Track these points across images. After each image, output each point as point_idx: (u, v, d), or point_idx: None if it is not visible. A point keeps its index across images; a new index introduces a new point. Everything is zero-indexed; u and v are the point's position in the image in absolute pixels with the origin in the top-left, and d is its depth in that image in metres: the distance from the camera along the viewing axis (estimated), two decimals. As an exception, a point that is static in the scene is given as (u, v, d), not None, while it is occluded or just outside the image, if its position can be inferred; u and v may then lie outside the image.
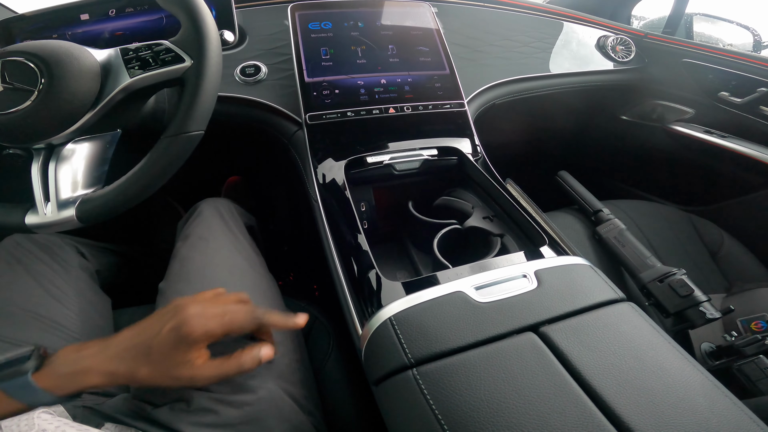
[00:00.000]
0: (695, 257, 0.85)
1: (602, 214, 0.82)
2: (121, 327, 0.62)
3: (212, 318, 0.40)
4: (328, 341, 0.61)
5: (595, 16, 1.09)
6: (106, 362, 0.39)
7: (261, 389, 0.47)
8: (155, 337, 0.39)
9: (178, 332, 0.38)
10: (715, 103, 0.96)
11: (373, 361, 0.41)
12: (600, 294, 0.43)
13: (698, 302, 0.63)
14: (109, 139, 0.55)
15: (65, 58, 0.48)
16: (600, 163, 1.31)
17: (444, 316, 0.40)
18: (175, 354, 0.38)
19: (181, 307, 0.40)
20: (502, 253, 0.54)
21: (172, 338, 0.38)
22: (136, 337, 0.40)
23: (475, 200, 0.64)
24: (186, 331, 0.38)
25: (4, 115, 0.46)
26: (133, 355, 0.39)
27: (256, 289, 0.58)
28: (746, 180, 0.93)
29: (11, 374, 0.37)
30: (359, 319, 0.46)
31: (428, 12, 0.80)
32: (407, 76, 0.72)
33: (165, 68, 0.51)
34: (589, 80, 0.98)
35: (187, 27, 0.52)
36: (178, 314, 0.39)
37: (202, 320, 0.39)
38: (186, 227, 0.65)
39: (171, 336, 0.38)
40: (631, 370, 0.36)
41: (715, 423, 0.33)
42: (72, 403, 0.47)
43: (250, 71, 0.74)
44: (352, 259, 0.52)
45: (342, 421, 0.55)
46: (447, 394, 0.34)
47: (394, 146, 0.67)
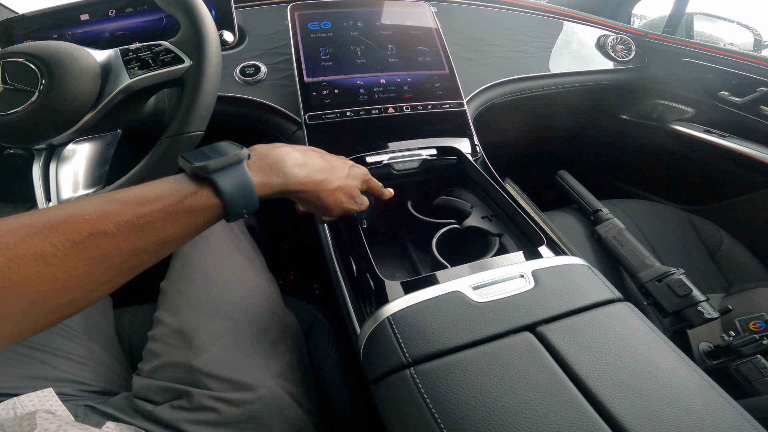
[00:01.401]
0: (694, 257, 0.85)
1: (601, 214, 0.82)
2: (123, 326, 0.63)
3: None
4: (328, 340, 0.61)
5: (595, 16, 1.09)
6: (310, 170, 0.43)
7: (261, 388, 0.47)
8: (346, 162, 0.49)
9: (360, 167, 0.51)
10: (715, 103, 0.96)
11: (371, 360, 0.41)
12: (597, 294, 0.44)
13: (696, 302, 0.64)
14: (109, 139, 0.55)
15: (65, 59, 0.48)
16: (600, 162, 1.31)
17: (441, 315, 0.40)
18: (357, 177, 0.49)
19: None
20: (500, 253, 0.54)
21: (357, 166, 0.51)
22: (328, 160, 0.47)
23: (474, 200, 0.64)
24: (365, 170, 0.51)
25: (5, 116, 0.46)
26: (328, 168, 0.45)
27: (256, 287, 0.59)
28: (746, 180, 0.93)
29: (229, 161, 0.35)
30: (358, 318, 0.47)
31: (428, 12, 0.80)
32: (407, 76, 0.72)
33: (165, 69, 0.51)
34: (589, 80, 0.98)
35: (186, 28, 0.52)
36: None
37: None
38: (186, 227, 0.65)
39: (346, 164, 0.49)
40: (627, 370, 0.36)
41: (709, 423, 0.33)
42: (74, 402, 0.47)
43: (249, 71, 0.74)
44: (351, 259, 0.52)
45: (341, 420, 0.55)
46: (444, 393, 0.34)
47: (393, 146, 0.67)
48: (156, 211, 0.31)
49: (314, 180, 0.42)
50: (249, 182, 0.36)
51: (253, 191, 0.36)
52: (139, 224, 0.30)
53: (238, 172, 0.36)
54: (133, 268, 0.31)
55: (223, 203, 0.35)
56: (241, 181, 0.35)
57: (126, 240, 0.29)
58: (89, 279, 0.28)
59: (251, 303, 0.56)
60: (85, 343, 0.54)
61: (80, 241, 0.27)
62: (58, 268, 0.27)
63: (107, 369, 0.55)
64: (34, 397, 0.45)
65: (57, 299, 0.27)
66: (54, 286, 0.27)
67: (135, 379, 0.51)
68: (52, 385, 0.47)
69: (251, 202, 0.36)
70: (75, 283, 0.28)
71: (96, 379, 0.52)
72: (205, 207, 0.34)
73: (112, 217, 0.29)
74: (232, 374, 0.47)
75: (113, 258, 0.29)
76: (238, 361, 0.49)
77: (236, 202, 0.35)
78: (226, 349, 0.49)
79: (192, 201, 0.33)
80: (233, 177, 0.35)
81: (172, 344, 0.51)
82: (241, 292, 0.56)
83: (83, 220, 0.28)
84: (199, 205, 0.34)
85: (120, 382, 0.55)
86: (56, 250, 0.27)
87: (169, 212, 0.32)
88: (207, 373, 0.47)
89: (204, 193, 0.34)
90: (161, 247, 0.32)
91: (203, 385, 0.46)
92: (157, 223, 0.31)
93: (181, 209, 0.32)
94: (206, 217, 0.34)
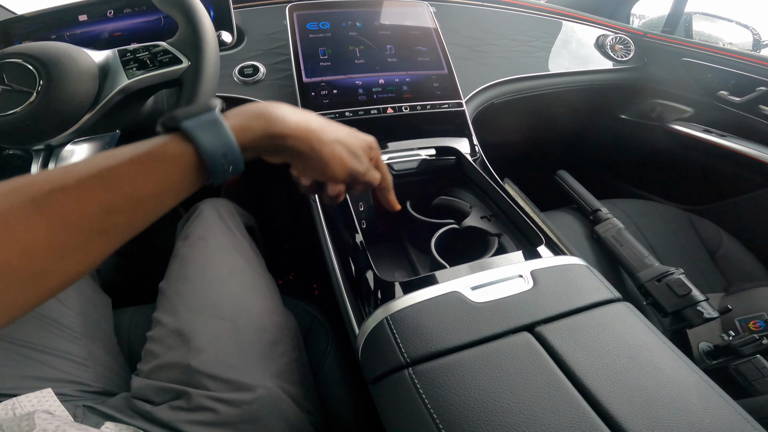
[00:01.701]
0: (694, 257, 0.85)
1: (600, 214, 0.82)
2: (122, 327, 0.63)
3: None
4: (327, 340, 0.61)
5: (594, 15, 1.09)
6: (300, 113, 0.39)
7: (259, 388, 0.47)
8: (331, 121, 0.43)
9: (353, 129, 0.44)
10: (714, 102, 0.96)
11: (370, 361, 0.41)
12: (595, 294, 0.44)
13: (696, 302, 0.64)
14: (108, 139, 0.55)
15: (63, 60, 0.48)
16: (599, 162, 1.31)
17: (440, 315, 0.40)
18: (359, 137, 0.44)
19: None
20: (499, 253, 0.54)
21: (347, 127, 0.44)
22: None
23: (473, 200, 0.64)
24: (361, 135, 0.45)
25: (3, 116, 0.47)
26: (326, 120, 0.42)
27: (255, 288, 0.59)
28: (745, 179, 0.93)
29: (198, 109, 0.33)
30: (356, 318, 0.47)
31: (427, 12, 0.80)
32: (405, 76, 0.72)
33: (162, 69, 0.51)
34: (588, 79, 0.98)
35: (183, 28, 0.52)
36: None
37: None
38: (186, 227, 0.65)
39: (346, 127, 0.44)
40: (626, 370, 0.36)
41: (708, 423, 0.33)
42: (72, 403, 0.47)
43: (248, 71, 0.75)
44: (350, 259, 0.52)
45: (340, 420, 0.55)
46: (442, 393, 0.34)
47: (392, 146, 0.67)
48: (123, 163, 0.29)
49: (306, 127, 0.38)
50: (221, 125, 0.33)
51: (228, 134, 0.33)
52: (103, 177, 0.28)
53: (208, 117, 0.33)
54: (104, 231, 0.28)
55: (195, 149, 0.32)
56: (211, 124, 0.33)
57: (90, 195, 0.27)
58: (55, 243, 0.26)
59: (250, 303, 0.56)
60: (84, 344, 0.54)
61: (41, 199, 0.26)
62: (19, 230, 0.25)
63: (106, 369, 0.55)
64: (33, 397, 0.45)
65: (23, 267, 0.25)
66: (17, 249, 0.25)
67: (134, 379, 0.51)
68: (51, 385, 0.47)
69: (229, 148, 0.33)
70: (40, 247, 0.25)
71: (95, 379, 0.52)
72: (175, 154, 0.31)
73: (75, 172, 0.28)
74: (231, 374, 0.47)
75: (77, 218, 0.27)
76: (237, 362, 0.49)
77: (211, 147, 0.32)
78: (225, 349, 0.49)
79: (162, 149, 0.31)
80: (202, 121, 0.33)
81: (170, 345, 0.51)
82: (239, 293, 0.56)
83: (46, 179, 0.27)
84: (169, 151, 0.31)
85: (119, 383, 0.55)
86: (16, 210, 0.25)
87: (136, 162, 0.30)
88: (205, 373, 0.47)
89: (174, 139, 0.32)
90: (133, 205, 0.29)
91: (202, 385, 0.46)
92: (125, 176, 0.29)
93: (150, 158, 0.30)
94: (180, 168, 0.32)
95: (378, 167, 0.47)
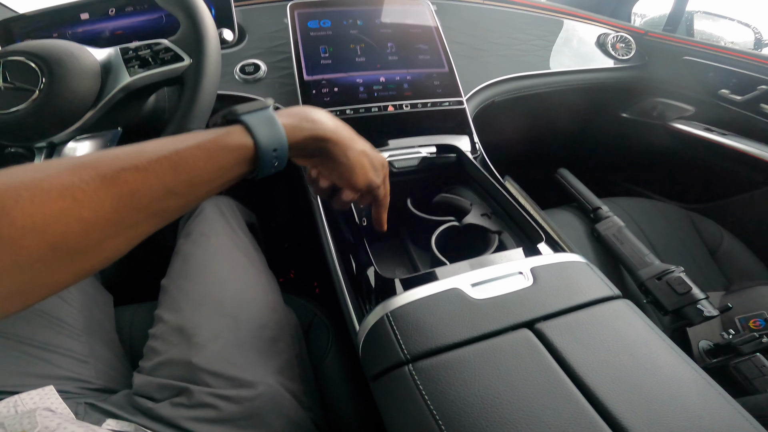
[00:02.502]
0: (694, 255, 0.85)
1: (601, 212, 0.82)
2: (124, 325, 0.63)
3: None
4: (328, 337, 0.61)
5: (595, 14, 1.08)
6: (338, 121, 0.43)
7: (260, 385, 0.47)
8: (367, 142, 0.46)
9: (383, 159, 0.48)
10: (715, 101, 0.96)
11: (370, 357, 0.41)
12: (595, 291, 0.44)
13: (696, 300, 0.64)
14: (110, 137, 0.55)
15: (66, 58, 0.48)
16: (600, 160, 1.31)
17: (440, 312, 0.40)
18: (370, 144, 0.46)
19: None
20: (499, 250, 0.54)
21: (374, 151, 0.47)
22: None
23: (474, 197, 0.64)
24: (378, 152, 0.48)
25: (5, 114, 0.47)
26: (353, 132, 0.44)
27: (256, 285, 0.59)
28: (746, 178, 0.93)
29: (256, 106, 0.37)
30: (357, 315, 0.47)
31: (427, 10, 0.80)
32: (406, 74, 0.72)
33: (164, 67, 0.51)
34: (589, 78, 0.98)
35: (185, 26, 0.52)
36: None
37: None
38: (188, 225, 0.65)
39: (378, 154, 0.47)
40: (625, 368, 0.36)
41: (707, 421, 0.33)
42: (74, 400, 0.47)
43: (249, 69, 0.75)
44: (351, 256, 0.52)
45: (341, 417, 0.55)
46: (442, 389, 0.34)
47: (393, 144, 0.67)
48: (190, 148, 0.31)
49: (343, 134, 0.42)
50: (277, 122, 0.37)
51: (282, 132, 0.37)
52: (172, 160, 0.30)
53: (266, 114, 0.37)
54: (158, 213, 0.30)
55: (254, 142, 0.35)
56: (269, 121, 0.36)
57: (157, 177, 0.29)
58: (115, 219, 0.27)
59: (251, 300, 0.56)
60: (86, 341, 0.55)
61: (111, 176, 0.27)
62: (85, 205, 0.25)
63: (108, 367, 0.55)
64: (35, 394, 0.45)
65: (78, 243, 0.25)
66: (78, 227, 0.25)
67: (135, 376, 0.51)
68: (52, 382, 0.48)
69: (280, 144, 0.37)
70: (100, 223, 0.26)
71: (96, 376, 0.53)
72: (237, 145, 0.34)
73: (146, 153, 0.29)
74: (232, 371, 0.48)
75: (142, 197, 0.28)
76: (238, 358, 0.49)
77: (266, 141, 0.35)
78: (226, 346, 0.50)
79: (225, 139, 0.34)
80: (261, 117, 0.36)
81: (172, 341, 0.51)
82: (240, 290, 0.56)
83: (115, 156, 0.28)
84: (232, 142, 0.34)
85: (121, 380, 0.56)
86: (85, 185, 0.25)
87: (203, 148, 0.32)
88: (207, 370, 0.47)
89: (236, 130, 0.35)
90: (189, 189, 0.31)
91: (203, 382, 0.47)
92: (190, 159, 0.31)
93: (214, 146, 0.33)
94: (237, 158, 0.34)
95: (384, 185, 0.49)
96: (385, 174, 0.49)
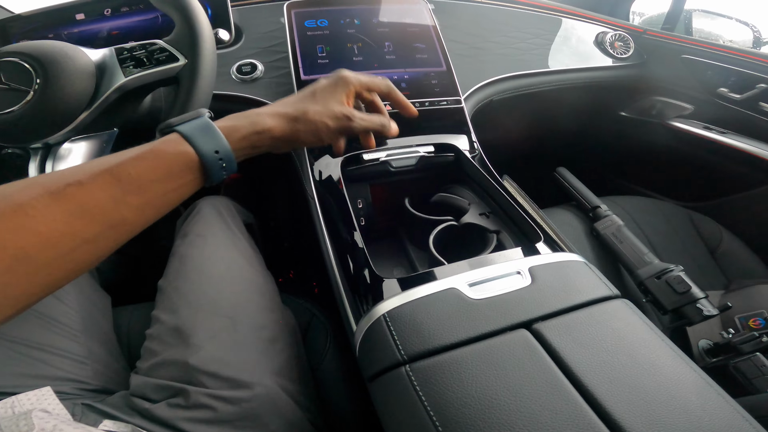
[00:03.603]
0: (694, 254, 0.85)
1: (600, 211, 0.82)
2: (122, 325, 0.63)
3: (363, 75, 0.49)
4: (326, 338, 0.61)
5: (593, 13, 1.08)
6: (278, 107, 0.44)
7: (258, 386, 0.47)
8: (318, 85, 0.47)
9: (336, 79, 0.47)
10: (714, 100, 0.95)
11: (367, 358, 0.41)
12: (594, 291, 0.43)
13: (695, 299, 0.63)
14: (106, 138, 0.55)
15: (60, 58, 0.48)
16: (599, 159, 1.31)
17: (437, 312, 0.40)
18: (334, 93, 0.46)
19: (339, 70, 0.49)
20: (497, 250, 0.53)
21: (332, 82, 0.47)
22: (302, 91, 0.47)
23: (472, 197, 0.64)
24: (343, 77, 0.47)
25: (0, 115, 0.46)
26: (300, 98, 0.46)
27: (253, 285, 0.59)
28: (746, 176, 0.92)
29: (191, 116, 0.39)
30: (354, 315, 0.47)
31: (425, 9, 0.80)
32: (404, 73, 0.72)
33: (159, 67, 0.51)
34: (588, 77, 0.98)
35: (180, 26, 0.52)
36: (337, 72, 0.48)
37: (356, 75, 0.48)
38: (185, 225, 0.65)
39: (331, 81, 0.47)
40: (624, 368, 0.36)
41: (707, 421, 0.33)
42: (71, 401, 0.47)
43: (246, 69, 0.74)
44: (348, 256, 0.52)
45: (339, 417, 0.55)
46: (439, 390, 0.34)
47: (390, 143, 0.67)
48: (131, 159, 0.33)
49: (285, 114, 0.43)
50: (212, 127, 0.38)
51: (219, 134, 0.38)
52: (113, 172, 0.32)
53: (200, 121, 0.38)
54: (116, 224, 0.32)
55: (191, 148, 0.36)
56: (204, 127, 0.38)
57: (102, 187, 0.31)
58: (70, 232, 0.29)
59: (248, 300, 0.56)
60: (84, 342, 0.54)
61: (57, 191, 0.29)
62: (38, 220, 0.28)
63: (105, 368, 0.55)
64: (32, 395, 0.45)
65: (38, 256, 0.27)
66: (36, 240, 0.27)
67: (133, 377, 0.51)
68: (50, 383, 0.47)
69: (221, 146, 0.38)
70: (56, 236, 0.28)
71: (94, 377, 0.53)
72: (175, 152, 0.36)
73: (87, 169, 0.31)
74: (229, 372, 0.47)
75: (92, 209, 0.30)
76: (235, 359, 0.49)
77: (205, 146, 0.37)
78: (223, 346, 0.49)
79: (162, 146, 0.35)
80: (195, 125, 0.38)
81: (169, 342, 0.51)
82: (238, 290, 0.56)
83: (60, 174, 0.31)
84: (170, 150, 0.36)
85: (118, 381, 0.55)
86: (35, 202, 0.28)
87: (142, 158, 0.34)
88: (203, 370, 0.47)
89: (172, 138, 0.37)
90: (142, 200, 0.33)
91: (200, 382, 0.46)
92: (132, 170, 0.33)
93: (152, 155, 0.34)
94: (181, 164, 0.36)
95: (374, 106, 0.52)
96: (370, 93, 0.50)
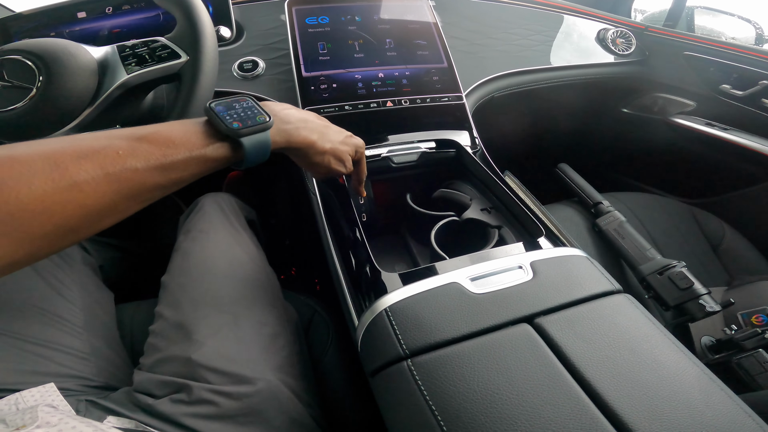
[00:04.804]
0: (696, 250, 0.85)
1: (602, 207, 0.81)
2: (125, 322, 0.63)
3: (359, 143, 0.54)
4: (328, 334, 0.61)
5: (595, 9, 1.08)
6: (307, 128, 0.47)
7: (260, 381, 0.47)
8: (331, 127, 0.51)
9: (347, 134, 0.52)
10: (716, 96, 0.95)
11: (368, 353, 0.41)
12: (596, 285, 0.43)
13: (698, 295, 0.63)
14: (108, 135, 0.55)
15: (63, 56, 0.48)
16: (601, 155, 1.30)
17: (439, 307, 0.40)
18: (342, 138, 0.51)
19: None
20: (499, 245, 0.53)
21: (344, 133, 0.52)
22: (321, 121, 0.51)
23: (473, 192, 0.64)
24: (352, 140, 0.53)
25: (3, 112, 0.47)
26: (319, 128, 0.49)
27: (255, 281, 0.59)
28: (748, 172, 0.92)
29: (260, 127, 0.41)
30: (356, 310, 0.47)
31: (426, 5, 0.80)
32: (405, 70, 0.72)
33: (161, 64, 0.51)
34: (590, 73, 0.98)
35: (182, 23, 0.52)
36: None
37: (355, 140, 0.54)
38: (187, 222, 0.65)
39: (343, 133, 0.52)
40: (626, 363, 0.36)
41: (709, 416, 0.33)
42: (75, 397, 0.47)
43: (247, 66, 0.74)
44: (350, 252, 0.52)
45: (341, 413, 0.55)
46: (441, 385, 0.34)
47: (392, 139, 0.67)
48: (182, 157, 0.35)
49: (308, 141, 0.47)
50: (269, 145, 0.42)
51: (269, 150, 0.42)
52: (165, 164, 0.34)
53: (263, 138, 0.41)
54: (146, 200, 0.35)
55: (242, 158, 0.40)
56: (263, 144, 0.41)
57: (152, 176, 0.33)
58: (112, 207, 0.31)
59: (250, 296, 0.56)
60: (87, 339, 0.55)
61: (114, 173, 0.31)
62: (88, 195, 0.29)
63: (108, 364, 0.55)
64: (36, 392, 0.45)
65: (78, 225, 0.29)
66: (80, 212, 0.29)
67: (136, 373, 0.51)
68: (53, 380, 0.48)
69: (264, 158, 0.42)
70: (98, 210, 0.30)
71: (97, 374, 0.53)
72: (226, 158, 0.39)
73: (143, 155, 0.33)
74: (231, 367, 0.47)
75: (137, 190, 0.32)
76: (237, 355, 0.49)
77: (254, 159, 0.41)
78: (226, 342, 0.49)
79: (215, 152, 0.38)
80: (257, 140, 0.40)
81: (172, 338, 0.51)
82: (240, 286, 0.56)
83: (116, 153, 0.31)
84: (222, 156, 0.38)
85: (121, 377, 0.56)
86: (90, 179, 0.29)
87: (193, 158, 0.36)
88: (206, 366, 0.47)
89: (228, 147, 0.39)
90: (176, 186, 0.36)
91: (203, 378, 0.47)
92: (180, 165, 0.35)
93: (203, 158, 0.37)
94: (223, 165, 0.39)
95: (360, 160, 0.55)
96: (360, 155, 0.55)
